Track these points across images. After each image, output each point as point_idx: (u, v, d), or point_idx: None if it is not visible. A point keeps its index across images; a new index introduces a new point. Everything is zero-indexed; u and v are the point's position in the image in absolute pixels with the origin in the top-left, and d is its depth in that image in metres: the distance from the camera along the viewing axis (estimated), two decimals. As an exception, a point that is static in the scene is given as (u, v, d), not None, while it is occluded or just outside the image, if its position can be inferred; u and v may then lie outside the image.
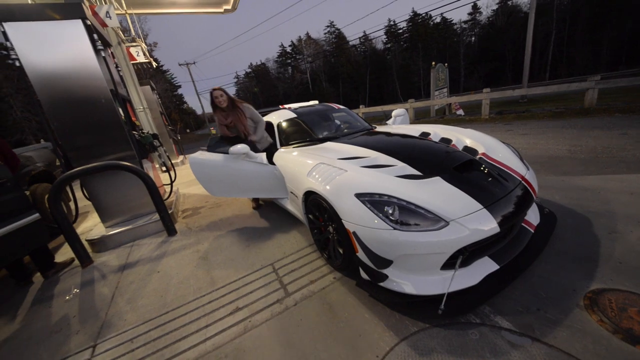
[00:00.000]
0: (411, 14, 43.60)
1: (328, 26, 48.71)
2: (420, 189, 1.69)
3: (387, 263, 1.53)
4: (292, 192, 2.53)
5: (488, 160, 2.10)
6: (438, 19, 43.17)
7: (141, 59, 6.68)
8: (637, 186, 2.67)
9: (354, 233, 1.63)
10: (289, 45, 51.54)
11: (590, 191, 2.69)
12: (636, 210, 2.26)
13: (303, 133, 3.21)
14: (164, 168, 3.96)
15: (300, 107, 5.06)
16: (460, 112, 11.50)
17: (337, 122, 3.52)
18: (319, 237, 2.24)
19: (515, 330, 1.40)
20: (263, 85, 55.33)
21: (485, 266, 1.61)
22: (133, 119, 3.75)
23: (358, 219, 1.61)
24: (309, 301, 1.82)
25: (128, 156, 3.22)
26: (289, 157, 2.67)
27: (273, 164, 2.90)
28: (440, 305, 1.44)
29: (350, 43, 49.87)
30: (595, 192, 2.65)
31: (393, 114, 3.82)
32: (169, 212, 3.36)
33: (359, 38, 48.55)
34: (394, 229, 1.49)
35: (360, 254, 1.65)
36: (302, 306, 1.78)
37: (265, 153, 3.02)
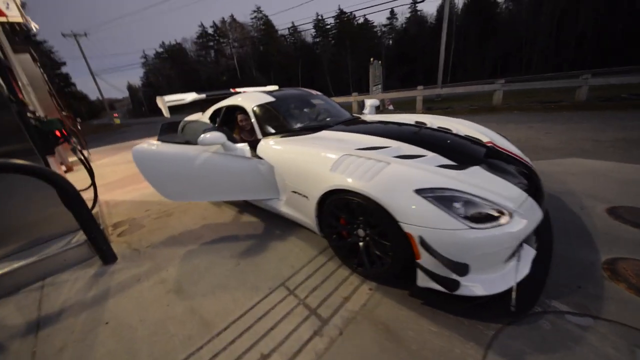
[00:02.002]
0: (337, 11, 45.19)
1: (255, 11, 45.86)
2: (469, 180, 1.54)
3: (465, 268, 1.31)
4: (295, 192, 2.05)
5: (500, 149, 2.12)
6: (362, 20, 46.06)
7: (14, 15, 4.57)
8: (573, 168, 3.24)
9: (420, 237, 1.35)
10: (211, 27, 46.46)
11: (546, 175, 3.12)
12: (583, 187, 2.72)
13: (290, 120, 2.71)
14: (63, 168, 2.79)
15: (258, 91, 4.47)
16: (391, 107, 12.49)
17: (321, 108, 3.12)
18: (341, 242, 1.88)
19: (574, 312, 1.42)
20: (180, 69, 48.42)
21: (526, 253, 1.58)
22: (20, 96, 2.48)
23: (423, 220, 1.34)
24: (356, 325, 1.46)
25: (20, 151, 2.09)
26: (289, 149, 2.17)
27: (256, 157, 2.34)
28: (512, 302, 1.34)
29: (280, 32, 48.45)
30: (550, 175, 3.09)
31: (368, 103, 3.66)
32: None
33: (288, 29, 47.64)
34: (470, 227, 1.29)
35: (426, 260, 1.39)
36: (350, 334, 1.41)
37: (246, 143, 2.42)
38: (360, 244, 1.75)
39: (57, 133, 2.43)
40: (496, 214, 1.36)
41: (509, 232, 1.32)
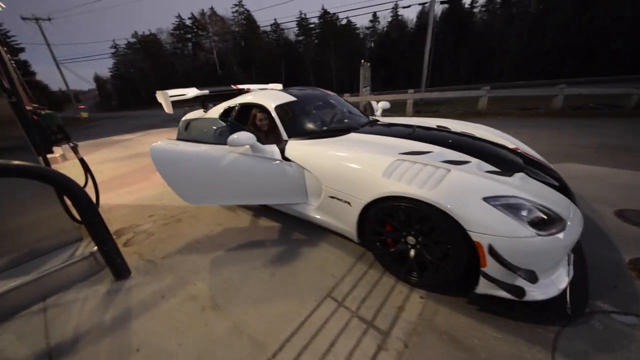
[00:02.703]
0: (321, 11, 45.19)
1: (236, 5, 44.53)
2: (523, 187, 1.56)
3: (534, 275, 1.31)
4: (334, 198, 1.96)
5: (527, 156, 2.19)
6: (345, 21, 46.43)
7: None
8: (572, 172, 3.45)
9: (489, 246, 1.33)
10: (189, 18, 44.45)
11: (551, 179, 3.29)
12: (588, 191, 2.90)
13: (315, 121, 2.62)
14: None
15: (261, 89, 4.32)
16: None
17: (338, 109, 3.04)
18: (387, 251, 1.82)
19: (619, 311, 1.49)
20: (154, 61, 45.79)
21: (570, 256, 1.63)
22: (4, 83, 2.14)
23: (493, 229, 1.33)
24: (420, 337, 1.42)
25: (14, 148, 1.80)
26: (325, 153, 2.07)
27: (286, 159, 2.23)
28: (567, 304, 1.39)
29: (262, 29, 47.51)
30: (555, 180, 3.26)
31: (379, 105, 3.65)
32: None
33: (271, 25, 46.85)
34: (537, 235, 1.31)
35: (491, 268, 1.37)
36: (417, 346, 1.37)
37: (274, 145, 2.29)
38: (412, 251, 1.70)
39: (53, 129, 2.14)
40: (557, 221, 1.38)
41: (567, 238, 1.36)
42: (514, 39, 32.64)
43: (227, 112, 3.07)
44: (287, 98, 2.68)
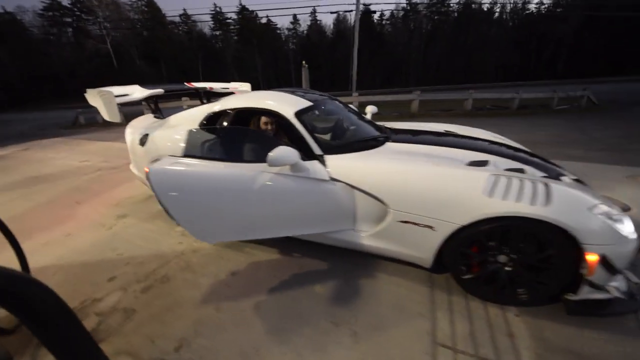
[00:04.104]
0: (239, 6, 42.87)
1: (134, -12, 37.68)
2: (588, 191, 1.65)
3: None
4: (407, 222, 1.66)
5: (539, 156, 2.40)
6: (265, 20, 45.34)
7: None
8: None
9: (603, 256, 1.33)
10: (67, -3, 35.19)
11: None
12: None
13: (343, 130, 2.25)
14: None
15: (224, 88, 3.65)
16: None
17: (350, 114, 2.71)
18: (474, 273, 1.65)
19: None
20: (15, 49, 34.34)
21: None
22: None
23: (605, 238, 1.34)
24: (553, 366, 1.30)
25: None
26: (390, 169, 1.74)
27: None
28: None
29: (169, 19, 41.78)
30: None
31: (368, 109, 3.52)
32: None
33: (180, 16, 41.72)
34: (634, 240, 1.38)
35: (598, 276, 1.37)
36: None
37: (316, 161, 1.83)
38: (507, 268, 1.58)
39: None
40: (626, 221, 1.47)
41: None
42: (415, 50, 38.43)
43: (212, 119, 2.35)
44: (303, 102, 2.21)
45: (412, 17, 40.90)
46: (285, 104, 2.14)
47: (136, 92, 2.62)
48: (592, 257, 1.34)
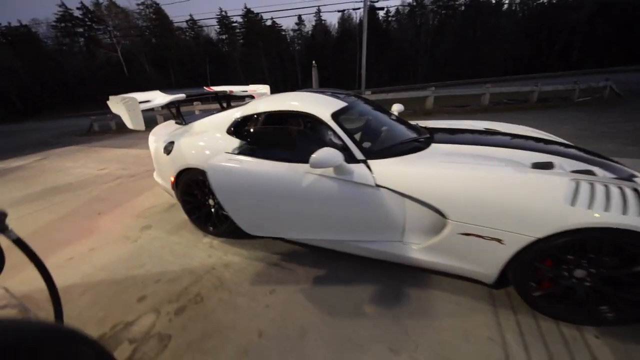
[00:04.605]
0: (244, 9, 43.13)
1: (142, -4, 38.32)
2: None
3: None
4: (470, 234, 1.48)
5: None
6: (269, 22, 45.44)
7: None
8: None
9: None
10: (79, 8, 36.09)
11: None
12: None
13: (380, 132, 2.11)
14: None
15: (244, 91, 3.53)
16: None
17: (381, 113, 2.54)
18: (546, 290, 1.46)
19: None
20: (30, 59, 35.39)
21: None
22: None
23: None
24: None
25: None
26: (447, 175, 1.55)
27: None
28: None
29: (176, 24, 42.35)
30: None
31: (395, 108, 3.34)
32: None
33: (186, 21, 42.22)
34: None
35: None
36: None
37: (361, 164, 1.68)
38: (587, 284, 1.38)
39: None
40: None
41: None
42: (422, 46, 37.81)
43: (240, 125, 2.22)
44: (338, 103, 2.05)
45: (418, 12, 40.27)
46: (320, 105, 1.99)
47: (158, 97, 2.51)
48: None
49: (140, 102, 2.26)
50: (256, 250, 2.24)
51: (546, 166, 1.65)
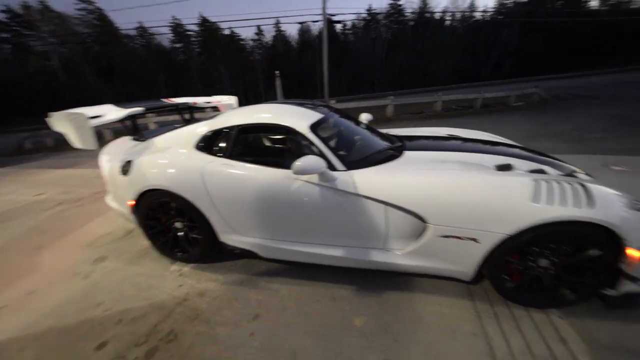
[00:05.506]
0: (200, 18, 41.80)
1: (82, 1, 34.98)
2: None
3: None
4: (448, 236, 1.55)
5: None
6: (227, 32, 44.58)
7: None
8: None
9: None
10: (4, 11, 31.68)
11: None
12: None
13: (356, 142, 2.13)
14: None
15: (207, 102, 3.41)
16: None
17: (351, 123, 2.59)
18: (517, 281, 1.60)
19: None
20: None
21: None
22: None
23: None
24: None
25: None
26: (425, 181, 1.62)
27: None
28: None
29: (124, 32, 39.39)
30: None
31: (363, 117, 3.46)
32: None
33: (136, 29, 39.52)
34: None
35: (637, 270, 1.38)
36: None
37: (346, 171, 1.70)
38: (551, 272, 1.54)
39: None
40: None
41: None
42: (378, 58, 40.16)
43: (210, 139, 2.08)
44: (315, 115, 2.04)
45: (372, 26, 42.87)
46: (297, 117, 1.96)
47: (111, 112, 2.27)
48: (632, 252, 1.34)
49: (91, 118, 2.01)
50: (233, 274, 2.09)
51: (507, 168, 1.82)
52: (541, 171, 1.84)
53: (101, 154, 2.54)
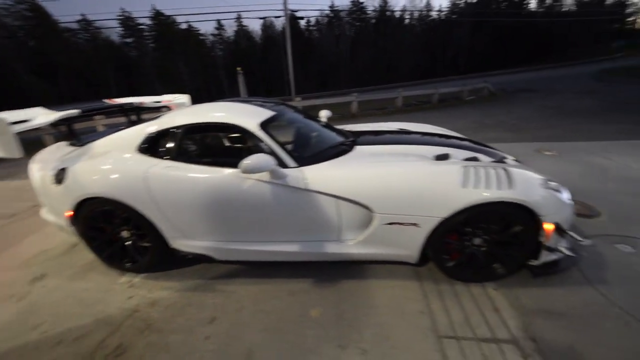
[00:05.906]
0: (152, 11, 38.87)
1: (7, -11, 30.52)
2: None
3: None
4: (393, 223, 1.66)
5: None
6: (184, 26, 42.07)
7: None
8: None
9: (557, 224, 1.56)
10: None
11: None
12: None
13: (310, 138, 2.15)
14: None
15: (157, 102, 3.25)
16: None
17: (308, 120, 2.62)
18: (456, 260, 1.76)
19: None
20: None
21: None
22: None
23: (556, 209, 1.59)
24: (536, 327, 1.47)
25: None
26: (369, 174, 1.71)
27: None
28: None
29: (63, 25, 35.27)
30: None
31: (323, 114, 3.53)
32: None
33: (78, 22, 35.65)
34: (571, 204, 1.70)
35: (552, 240, 1.59)
36: (542, 336, 1.42)
37: (298, 168, 1.75)
38: (483, 249, 1.71)
39: None
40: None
41: None
42: (342, 55, 40.73)
43: (154, 141, 1.98)
44: (265, 112, 2.03)
45: (336, 23, 43.29)
46: (246, 115, 1.94)
47: (40, 116, 2.05)
48: (548, 226, 1.54)
49: (13, 123, 1.80)
50: (188, 280, 2.02)
51: (444, 157, 1.98)
52: (474, 159, 2.03)
53: (31, 163, 2.29)
